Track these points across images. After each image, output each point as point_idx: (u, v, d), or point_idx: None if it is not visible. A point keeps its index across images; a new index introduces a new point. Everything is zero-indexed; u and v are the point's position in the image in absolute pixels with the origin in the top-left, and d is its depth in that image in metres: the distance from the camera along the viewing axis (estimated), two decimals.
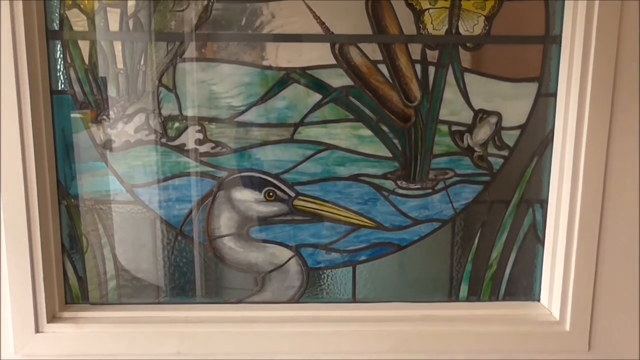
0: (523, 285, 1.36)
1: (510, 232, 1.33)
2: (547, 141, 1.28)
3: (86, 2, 1.21)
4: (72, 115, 1.25)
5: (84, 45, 1.23)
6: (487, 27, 1.24)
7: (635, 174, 1.24)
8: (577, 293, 1.27)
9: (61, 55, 1.23)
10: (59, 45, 1.22)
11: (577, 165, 1.23)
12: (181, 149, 1.27)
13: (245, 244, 1.32)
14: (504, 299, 1.36)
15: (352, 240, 1.32)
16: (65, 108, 1.25)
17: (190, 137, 1.26)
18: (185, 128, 1.26)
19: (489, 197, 1.31)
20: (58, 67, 1.23)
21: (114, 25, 1.22)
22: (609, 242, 1.26)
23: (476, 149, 1.29)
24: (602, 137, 1.22)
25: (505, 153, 1.29)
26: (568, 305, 1.28)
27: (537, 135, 1.29)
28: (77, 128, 1.26)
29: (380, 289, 1.35)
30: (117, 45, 1.23)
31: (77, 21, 1.22)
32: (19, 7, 1.14)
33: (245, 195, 1.29)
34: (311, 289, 1.35)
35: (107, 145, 1.27)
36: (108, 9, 1.22)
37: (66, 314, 1.30)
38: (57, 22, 1.21)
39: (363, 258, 1.33)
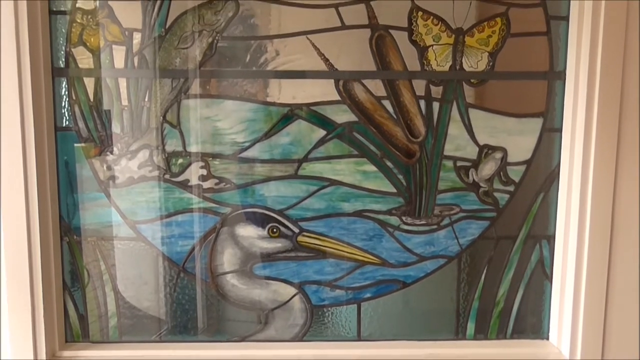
0: (531, 322, 1.33)
1: (518, 268, 1.31)
2: (553, 176, 1.27)
3: (92, 39, 1.22)
4: (76, 151, 1.25)
5: (89, 82, 1.24)
6: (491, 63, 1.24)
7: None
8: (587, 331, 1.24)
9: (66, 92, 1.23)
10: (64, 82, 1.23)
11: (584, 201, 1.21)
12: (185, 185, 1.26)
13: (249, 280, 1.30)
14: (512, 337, 1.34)
15: (356, 277, 1.30)
16: (69, 144, 1.25)
17: (193, 173, 1.26)
18: (189, 164, 1.25)
19: (495, 233, 1.30)
20: (63, 103, 1.24)
21: (120, 63, 1.23)
22: (618, 277, 1.24)
23: (482, 184, 1.28)
24: (609, 172, 1.21)
25: (511, 188, 1.28)
26: (578, 343, 1.25)
27: (543, 171, 1.28)
28: (80, 164, 1.25)
29: (386, 327, 1.33)
30: (122, 82, 1.24)
31: (83, 58, 1.23)
32: (25, 44, 1.15)
33: (248, 232, 1.28)
34: (315, 326, 1.32)
35: (110, 181, 1.26)
36: (114, 46, 1.23)
37: (66, 353, 1.28)
38: (63, 59, 1.22)
39: (368, 295, 1.31)
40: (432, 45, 1.23)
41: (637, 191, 1.22)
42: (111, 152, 1.25)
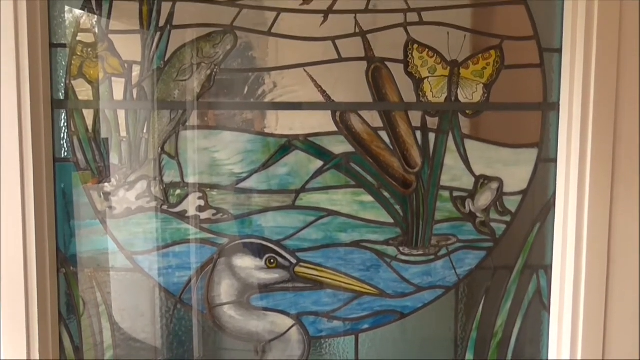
0: (530, 353, 1.33)
1: (515, 298, 1.31)
2: (549, 206, 1.28)
3: (92, 72, 1.23)
4: (74, 182, 1.25)
5: (88, 114, 1.25)
6: (486, 95, 1.25)
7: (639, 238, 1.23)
8: None
9: (65, 124, 1.24)
10: (63, 114, 1.24)
11: (581, 230, 1.22)
12: (182, 216, 1.26)
13: (246, 312, 1.29)
14: None
15: (354, 308, 1.30)
16: (67, 175, 1.25)
17: (191, 204, 1.26)
18: (187, 195, 1.26)
19: (492, 263, 1.30)
20: (62, 135, 1.24)
21: (119, 94, 1.25)
22: (616, 308, 1.24)
23: (478, 214, 1.28)
24: (604, 202, 1.21)
25: (507, 219, 1.29)
26: None
27: (539, 201, 1.28)
28: (78, 195, 1.26)
29: (384, 358, 1.32)
30: (121, 114, 1.25)
31: (82, 90, 1.24)
32: (26, 77, 1.17)
33: (246, 262, 1.28)
34: (313, 358, 1.31)
35: (108, 212, 1.26)
36: (113, 78, 1.24)
37: None
38: (63, 91, 1.24)
39: (366, 326, 1.31)
40: (428, 77, 1.24)
41: (633, 220, 1.22)
42: (109, 183, 1.25)
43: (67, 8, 1.23)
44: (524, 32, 1.25)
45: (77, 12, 1.23)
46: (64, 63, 1.23)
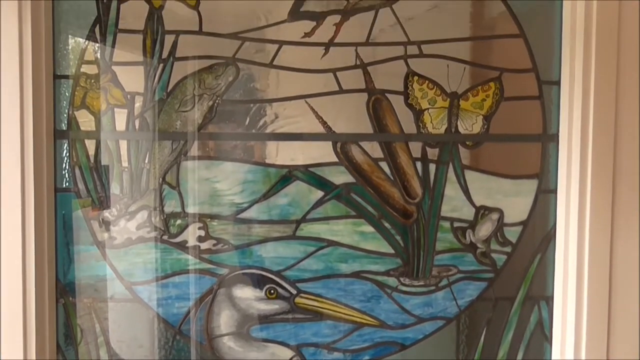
0: None
1: (517, 330, 1.30)
2: (550, 237, 1.28)
3: (95, 103, 1.24)
4: (74, 212, 1.25)
5: (90, 144, 1.25)
6: (485, 126, 1.26)
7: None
8: None
9: (67, 154, 1.25)
10: (65, 144, 1.25)
11: (582, 261, 1.22)
12: (182, 246, 1.26)
13: (245, 343, 1.28)
14: None
15: (355, 339, 1.29)
16: (68, 205, 1.25)
17: (191, 234, 1.26)
18: (187, 225, 1.26)
19: (493, 294, 1.29)
20: (63, 165, 1.25)
21: (121, 125, 1.25)
22: (618, 340, 1.23)
23: (479, 245, 1.28)
24: (605, 232, 1.21)
25: (508, 249, 1.29)
26: None
27: (539, 232, 1.29)
28: (79, 225, 1.26)
29: None
30: (123, 144, 1.26)
31: (85, 121, 1.25)
32: (29, 107, 1.18)
33: (246, 293, 1.27)
34: None
35: (108, 242, 1.26)
36: (116, 109, 1.25)
37: None
38: (65, 122, 1.24)
39: (366, 358, 1.29)
40: (428, 109, 1.25)
41: (634, 251, 1.22)
42: (110, 213, 1.26)
43: (71, 40, 1.24)
44: (522, 64, 1.26)
45: (82, 43, 1.24)
46: (67, 94, 1.24)
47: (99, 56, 1.24)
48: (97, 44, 1.24)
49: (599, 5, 1.19)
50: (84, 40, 1.24)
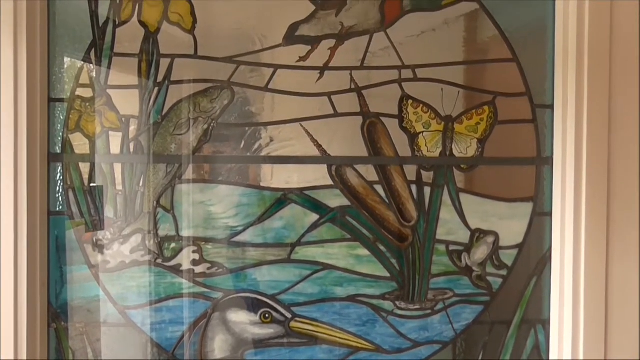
0: None
1: (513, 354, 1.29)
2: (546, 260, 1.28)
3: (89, 126, 1.24)
4: (68, 236, 1.24)
5: (85, 167, 1.25)
6: (480, 149, 1.27)
7: (636, 291, 1.22)
8: None
9: (61, 177, 1.24)
10: (59, 167, 1.24)
11: (578, 284, 1.21)
12: (176, 270, 1.25)
13: None
14: None
15: None
16: (61, 228, 1.24)
17: (185, 258, 1.25)
18: (182, 249, 1.25)
19: (489, 317, 1.29)
20: (57, 188, 1.24)
21: (116, 148, 1.25)
22: None
23: (474, 268, 1.28)
24: (600, 255, 1.21)
25: (504, 272, 1.28)
26: None
27: (535, 255, 1.28)
28: (72, 249, 1.25)
29: None
30: (117, 167, 1.25)
31: (80, 144, 1.24)
32: (23, 131, 1.18)
33: (240, 317, 1.26)
34: None
35: (101, 266, 1.25)
36: (110, 132, 1.25)
37: None
38: (60, 145, 1.24)
39: None
40: (423, 132, 1.26)
41: (630, 273, 1.22)
42: (104, 237, 1.25)
43: (66, 63, 1.24)
44: (516, 88, 1.27)
45: (77, 67, 1.24)
46: (61, 117, 1.24)
47: (94, 79, 1.24)
48: (93, 68, 1.24)
49: (591, 29, 1.21)
50: (80, 63, 1.24)
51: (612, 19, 1.21)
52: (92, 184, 1.24)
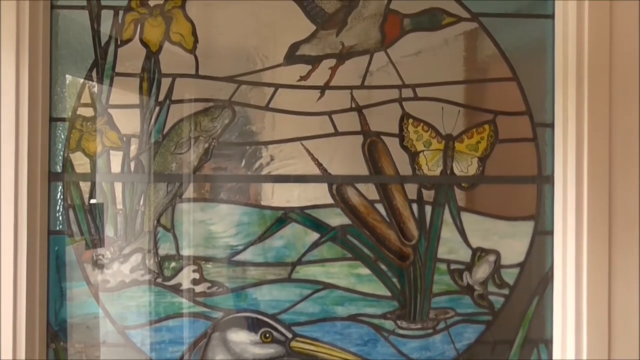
0: None
1: None
2: (547, 279, 1.27)
3: (90, 145, 1.24)
4: (68, 255, 1.24)
5: (85, 186, 1.25)
6: (480, 168, 1.27)
7: (638, 310, 1.22)
8: None
9: (61, 196, 1.24)
10: (60, 187, 1.24)
11: (580, 303, 1.21)
12: (176, 289, 1.25)
13: None
14: None
15: None
16: (61, 247, 1.24)
17: (186, 277, 1.25)
18: (182, 268, 1.24)
19: (491, 337, 1.28)
20: (57, 207, 1.24)
21: (116, 167, 1.25)
22: None
23: (476, 287, 1.27)
24: (602, 274, 1.21)
25: (505, 291, 1.28)
26: None
27: (536, 273, 1.28)
28: (71, 268, 1.24)
29: None
30: (118, 186, 1.25)
31: (80, 164, 1.24)
32: (24, 150, 1.18)
33: (240, 337, 1.25)
34: None
35: (101, 285, 1.24)
36: (111, 152, 1.25)
37: None
38: (60, 164, 1.24)
39: None
40: (423, 151, 1.26)
41: (632, 292, 1.21)
42: (104, 256, 1.24)
43: (68, 83, 1.25)
44: (516, 107, 1.28)
45: (78, 86, 1.24)
46: (62, 136, 1.24)
47: (95, 99, 1.24)
48: (94, 87, 1.25)
49: (590, 47, 1.21)
50: (81, 83, 1.24)
51: (612, 38, 1.22)
52: (92, 199, 1.24)
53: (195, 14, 1.26)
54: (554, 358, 1.27)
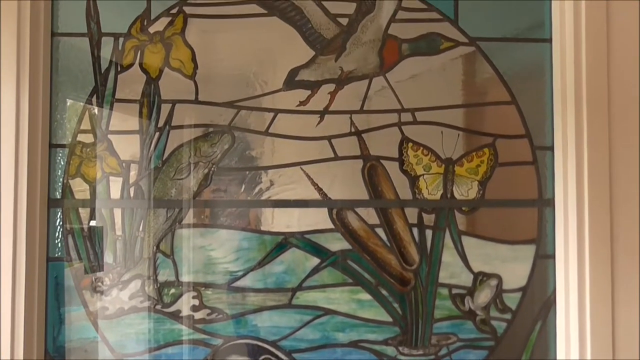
0: None
1: None
2: (550, 303, 1.26)
3: (90, 171, 1.24)
4: (66, 282, 1.23)
5: (84, 212, 1.24)
6: (481, 192, 1.26)
7: None
8: None
9: (61, 222, 1.24)
10: (59, 213, 1.24)
11: (584, 328, 1.20)
12: (176, 316, 1.24)
13: None
14: None
15: None
16: (60, 274, 1.23)
17: (185, 304, 1.24)
18: (181, 294, 1.24)
19: None
20: (57, 234, 1.23)
21: (116, 193, 1.25)
22: None
23: (478, 312, 1.26)
24: (605, 298, 1.20)
25: (508, 316, 1.26)
26: None
27: (539, 298, 1.27)
28: (70, 295, 1.23)
29: None
30: (117, 212, 1.25)
31: (80, 190, 1.24)
32: (24, 176, 1.18)
33: None
34: None
35: (100, 313, 1.23)
36: (111, 178, 1.25)
37: None
38: (60, 190, 1.24)
39: None
40: (423, 175, 1.26)
41: (635, 316, 1.20)
42: (103, 283, 1.23)
43: (68, 109, 1.25)
44: (515, 130, 1.28)
45: (78, 113, 1.25)
46: (62, 163, 1.24)
47: (95, 125, 1.25)
48: (94, 113, 1.25)
49: (589, 70, 1.22)
50: (81, 109, 1.25)
51: (609, 60, 1.22)
52: (92, 222, 1.23)
53: (195, 40, 1.26)
54: None
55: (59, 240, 1.24)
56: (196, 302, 1.23)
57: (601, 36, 1.22)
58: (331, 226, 1.25)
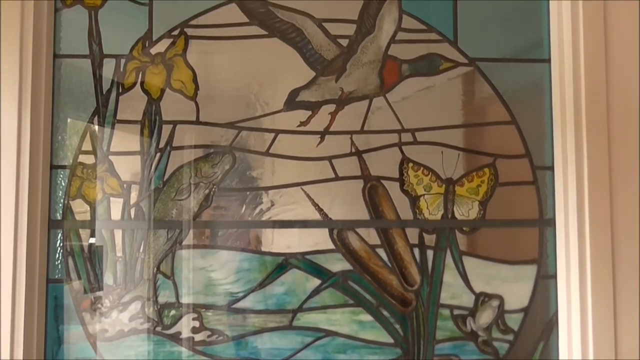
0: None
1: None
2: (552, 324, 1.25)
3: (91, 193, 1.24)
4: (66, 304, 1.23)
5: (85, 234, 1.24)
6: (482, 212, 1.26)
7: None
8: None
9: (61, 244, 1.23)
10: (59, 234, 1.23)
11: (586, 349, 1.19)
12: (176, 338, 1.23)
13: None
14: None
15: None
16: (60, 296, 1.23)
17: (185, 325, 1.23)
18: (181, 316, 1.23)
19: None
20: (57, 255, 1.23)
21: (116, 214, 1.25)
22: None
23: (480, 333, 1.25)
24: (607, 319, 1.19)
25: (510, 337, 1.26)
26: None
27: (541, 318, 1.26)
28: (69, 317, 1.22)
29: None
30: (118, 233, 1.25)
31: (80, 211, 1.24)
32: (24, 198, 1.18)
33: None
34: None
35: (99, 335, 1.23)
36: (111, 198, 1.25)
37: None
38: (61, 212, 1.24)
39: None
40: (424, 195, 1.26)
41: (637, 336, 1.19)
42: (102, 305, 1.23)
43: (69, 130, 1.25)
44: (516, 150, 1.28)
45: (80, 133, 1.25)
46: (63, 184, 1.24)
47: (96, 146, 1.25)
48: (96, 134, 1.25)
49: (588, 90, 1.23)
50: (82, 130, 1.25)
51: (608, 79, 1.23)
52: (91, 239, 1.23)
53: (196, 61, 1.27)
54: None
55: (59, 261, 1.23)
56: (196, 323, 1.23)
57: (599, 56, 1.23)
58: (332, 247, 1.24)
